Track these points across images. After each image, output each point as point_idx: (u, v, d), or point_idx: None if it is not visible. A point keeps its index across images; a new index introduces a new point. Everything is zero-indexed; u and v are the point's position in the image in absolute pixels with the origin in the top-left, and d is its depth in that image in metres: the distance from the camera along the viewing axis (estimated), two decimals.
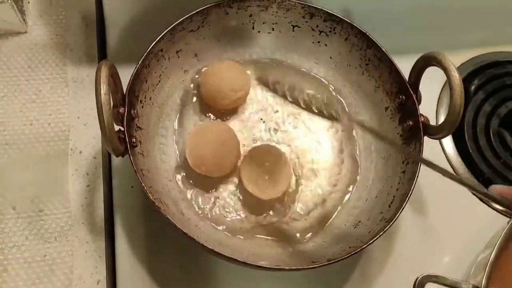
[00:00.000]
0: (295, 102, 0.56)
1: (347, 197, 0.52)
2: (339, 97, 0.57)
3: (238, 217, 0.50)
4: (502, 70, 0.65)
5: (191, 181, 0.51)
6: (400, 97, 0.52)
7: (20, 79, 0.56)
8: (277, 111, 0.56)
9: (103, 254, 0.50)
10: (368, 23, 0.54)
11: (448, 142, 0.60)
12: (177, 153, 0.52)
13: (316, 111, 0.56)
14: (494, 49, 0.66)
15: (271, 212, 0.51)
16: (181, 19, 0.51)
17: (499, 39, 0.66)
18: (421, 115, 0.49)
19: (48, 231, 0.50)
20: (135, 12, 0.58)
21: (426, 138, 0.49)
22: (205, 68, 0.56)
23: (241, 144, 0.53)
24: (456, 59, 0.63)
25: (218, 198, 0.51)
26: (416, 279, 0.44)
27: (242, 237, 0.49)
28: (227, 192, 0.51)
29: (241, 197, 0.51)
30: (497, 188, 0.46)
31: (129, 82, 0.47)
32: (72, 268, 0.49)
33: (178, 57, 0.54)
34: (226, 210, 0.50)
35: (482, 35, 0.66)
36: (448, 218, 0.56)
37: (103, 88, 0.39)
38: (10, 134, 0.53)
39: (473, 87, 0.63)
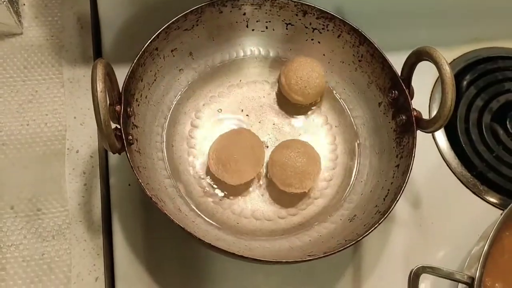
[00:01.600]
0: None
1: (342, 191, 0.53)
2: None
3: (234, 213, 0.51)
4: (494, 66, 0.65)
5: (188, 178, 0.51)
6: (393, 92, 0.52)
7: (16, 80, 0.56)
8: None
9: (101, 252, 0.50)
10: (360, 20, 0.55)
11: (441, 136, 0.61)
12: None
13: None
14: (485, 45, 0.67)
15: (268, 209, 0.51)
16: (176, 18, 0.52)
17: (491, 35, 0.67)
18: (414, 109, 0.50)
19: (46, 229, 0.50)
20: (130, 13, 0.59)
21: (419, 133, 0.50)
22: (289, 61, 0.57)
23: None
24: (448, 55, 0.64)
25: (214, 195, 0.51)
26: (412, 271, 0.45)
27: (238, 233, 0.49)
28: (222, 188, 0.52)
29: (238, 192, 0.51)
30: None
31: (124, 80, 0.47)
32: (70, 266, 0.49)
33: (173, 56, 0.54)
34: (222, 206, 0.51)
35: (473, 31, 0.67)
36: (442, 211, 0.56)
37: (99, 86, 0.40)
38: (7, 135, 0.54)
39: (465, 83, 0.64)
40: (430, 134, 0.59)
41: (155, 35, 0.50)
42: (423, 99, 0.63)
